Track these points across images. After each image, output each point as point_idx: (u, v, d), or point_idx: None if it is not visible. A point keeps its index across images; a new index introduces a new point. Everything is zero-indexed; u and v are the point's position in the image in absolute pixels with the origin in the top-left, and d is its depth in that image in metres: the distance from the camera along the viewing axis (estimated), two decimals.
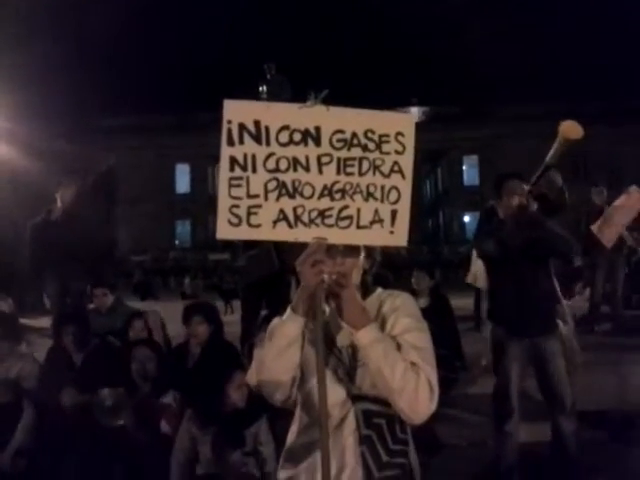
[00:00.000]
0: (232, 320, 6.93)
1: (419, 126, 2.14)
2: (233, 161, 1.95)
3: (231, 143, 1.96)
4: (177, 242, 39.25)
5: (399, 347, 1.91)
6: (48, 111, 28.31)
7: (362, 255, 2.09)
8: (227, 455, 3.47)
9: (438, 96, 37.57)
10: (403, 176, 2.05)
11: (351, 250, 2.04)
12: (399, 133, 2.04)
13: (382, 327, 1.97)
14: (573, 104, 30.71)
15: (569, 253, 3.96)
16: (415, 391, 1.84)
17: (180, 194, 39.60)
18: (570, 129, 3.92)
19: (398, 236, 2.06)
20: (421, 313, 2.08)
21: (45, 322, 6.51)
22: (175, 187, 40.17)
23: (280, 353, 1.96)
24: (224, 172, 1.96)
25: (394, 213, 2.04)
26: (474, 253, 4.15)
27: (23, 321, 6.89)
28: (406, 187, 2.05)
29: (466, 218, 43.04)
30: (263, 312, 5.55)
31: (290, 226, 1.98)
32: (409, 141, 2.06)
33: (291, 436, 2.11)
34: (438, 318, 5.02)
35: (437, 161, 45.50)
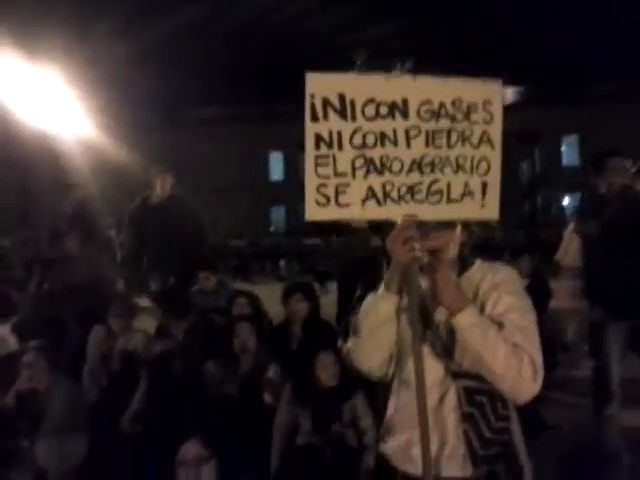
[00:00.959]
0: (326, 302, 7.05)
1: (513, 107, 2.08)
2: (318, 138, 1.87)
3: (315, 119, 1.87)
4: (272, 227, 40.14)
5: (501, 327, 1.84)
6: (142, 103, 29.38)
7: (458, 227, 2.02)
8: (326, 427, 3.61)
9: (533, 75, 35.91)
10: (492, 146, 1.97)
11: (446, 223, 1.98)
12: (487, 101, 1.96)
13: (483, 304, 1.92)
14: None
15: None
16: (518, 374, 1.78)
17: (274, 181, 40.46)
18: None
19: (489, 209, 1.99)
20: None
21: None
22: (269, 175, 41.09)
23: (375, 331, 1.97)
24: (310, 150, 1.88)
25: (484, 185, 1.97)
26: (568, 229, 4.04)
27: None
28: (496, 158, 1.98)
29: (565, 200, 41.18)
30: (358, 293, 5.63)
31: (379, 204, 1.91)
32: (497, 109, 1.97)
33: (390, 410, 2.11)
34: (538, 300, 4.91)
35: (534, 142, 43.72)
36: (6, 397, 3.81)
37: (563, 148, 43.46)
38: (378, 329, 1.96)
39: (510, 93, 35.26)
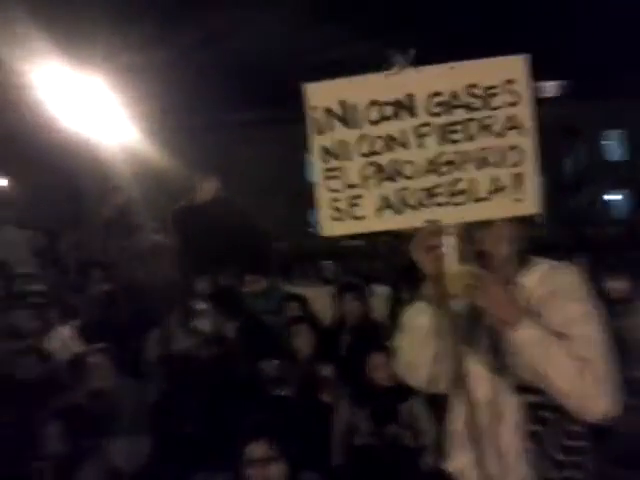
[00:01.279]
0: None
1: (554, 101, 1.95)
2: (325, 151, 1.82)
3: (320, 132, 1.82)
4: (311, 229, 40.28)
5: (566, 338, 1.67)
6: (182, 106, 29.78)
7: (505, 222, 1.80)
8: (383, 428, 3.65)
9: (575, 69, 35.10)
10: (523, 131, 1.74)
11: (487, 221, 1.78)
12: (509, 81, 1.72)
13: (543, 312, 1.75)
14: None
15: None
16: (586, 392, 1.63)
17: (313, 183, 40.64)
18: None
19: (527, 203, 1.74)
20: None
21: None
22: (307, 176, 41.31)
23: (415, 345, 1.87)
24: (318, 164, 1.83)
25: (518, 177, 1.74)
26: None
27: None
28: (529, 144, 1.74)
29: (610, 196, 40.23)
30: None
31: (397, 212, 1.79)
32: (523, 88, 1.73)
33: (449, 424, 1.99)
34: None
35: (576, 137, 42.78)
36: (77, 397, 3.96)
37: (606, 143, 42.48)
38: (418, 343, 1.86)
39: (551, 87, 34.61)
